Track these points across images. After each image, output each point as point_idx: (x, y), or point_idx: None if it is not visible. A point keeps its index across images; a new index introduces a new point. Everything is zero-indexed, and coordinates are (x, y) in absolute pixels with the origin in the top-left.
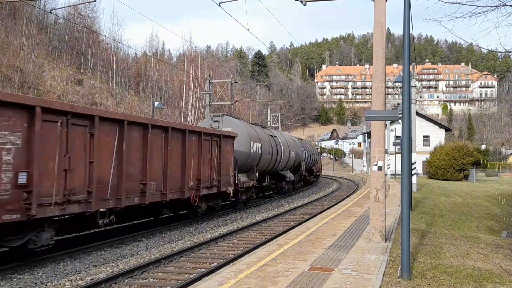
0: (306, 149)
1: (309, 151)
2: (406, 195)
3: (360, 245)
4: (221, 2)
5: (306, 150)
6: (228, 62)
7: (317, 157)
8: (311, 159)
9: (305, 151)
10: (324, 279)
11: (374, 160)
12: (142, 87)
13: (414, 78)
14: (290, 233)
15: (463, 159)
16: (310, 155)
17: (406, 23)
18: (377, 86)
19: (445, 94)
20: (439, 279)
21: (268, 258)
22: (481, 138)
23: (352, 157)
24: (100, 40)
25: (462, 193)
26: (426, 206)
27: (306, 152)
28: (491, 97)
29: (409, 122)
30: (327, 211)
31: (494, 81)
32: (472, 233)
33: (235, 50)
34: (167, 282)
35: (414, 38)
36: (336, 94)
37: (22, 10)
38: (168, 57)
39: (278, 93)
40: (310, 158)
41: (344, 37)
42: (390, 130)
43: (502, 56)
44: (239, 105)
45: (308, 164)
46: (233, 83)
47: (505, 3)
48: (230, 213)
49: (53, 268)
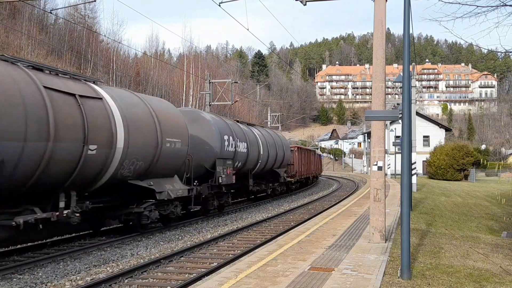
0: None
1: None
2: (406, 195)
3: (360, 245)
4: (221, 2)
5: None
6: (228, 62)
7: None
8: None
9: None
10: (324, 279)
11: (374, 160)
12: (142, 87)
13: (414, 78)
14: (290, 233)
15: (463, 159)
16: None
17: (406, 23)
18: (377, 86)
19: (445, 94)
20: (439, 279)
21: (268, 258)
22: (481, 138)
23: (352, 157)
24: (100, 40)
25: (462, 193)
26: (426, 206)
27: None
28: (491, 97)
29: (409, 122)
30: (327, 211)
31: (494, 81)
32: (472, 233)
33: (235, 50)
34: (167, 282)
35: (414, 38)
36: (336, 94)
37: (22, 10)
38: (168, 57)
39: (278, 93)
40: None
41: (344, 37)
42: (390, 130)
43: (502, 56)
44: (239, 105)
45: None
46: (233, 83)
47: (505, 3)
48: (230, 213)
49: (53, 268)
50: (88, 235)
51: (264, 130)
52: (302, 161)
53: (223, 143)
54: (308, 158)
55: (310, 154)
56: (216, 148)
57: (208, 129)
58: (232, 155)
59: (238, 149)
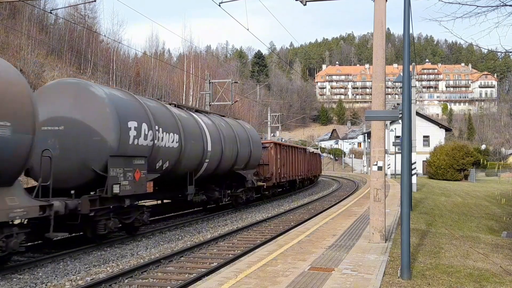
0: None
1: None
2: (406, 195)
3: (360, 245)
4: (221, 2)
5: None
6: (228, 62)
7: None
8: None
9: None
10: (324, 279)
11: (374, 160)
12: (142, 87)
13: (414, 78)
14: (290, 233)
15: (463, 159)
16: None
17: (406, 23)
18: (377, 86)
19: (445, 94)
20: (439, 279)
21: (268, 258)
22: (481, 138)
23: (352, 157)
24: (100, 40)
25: (462, 193)
26: (426, 206)
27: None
28: (491, 97)
29: (409, 122)
30: (327, 211)
31: (494, 81)
32: (472, 233)
33: (235, 50)
34: (167, 282)
35: (414, 38)
36: (336, 94)
37: (22, 10)
38: (168, 57)
39: (278, 93)
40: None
41: (344, 37)
42: (390, 130)
43: (502, 56)
44: (239, 105)
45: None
46: (233, 83)
47: (505, 3)
48: (230, 213)
49: (53, 268)
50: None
51: (219, 119)
52: (282, 161)
53: (126, 132)
54: (294, 157)
55: (297, 152)
56: (110, 140)
57: (98, 110)
58: (147, 151)
59: (161, 143)
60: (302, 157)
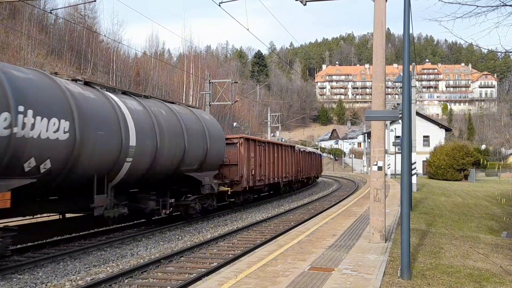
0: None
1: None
2: (406, 195)
3: (360, 245)
4: (221, 2)
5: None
6: (228, 62)
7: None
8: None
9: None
10: (324, 279)
11: (374, 160)
12: (142, 87)
13: (414, 78)
14: (290, 233)
15: (463, 159)
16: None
17: (406, 23)
18: (377, 86)
19: (445, 94)
20: (439, 279)
21: (268, 258)
22: (481, 138)
23: (352, 157)
24: (100, 40)
25: (462, 193)
26: (426, 206)
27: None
28: (491, 97)
29: (409, 122)
30: (327, 211)
31: (494, 81)
32: (472, 233)
33: (235, 50)
34: (167, 282)
35: (414, 38)
36: (336, 94)
37: (22, 10)
38: (168, 57)
39: (278, 93)
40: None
41: (344, 37)
42: (390, 130)
43: (502, 56)
44: (239, 105)
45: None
46: (233, 83)
47: (505, 3)
48: (230, 213)
49: (53, 268)
50: (89, 234)
51: (159, 105)
52: (258, 161)
53: None
54: (277, 156)
55: (280, 150)
56: None
57: None
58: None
59: (31, 133)
60: (288, 156)
